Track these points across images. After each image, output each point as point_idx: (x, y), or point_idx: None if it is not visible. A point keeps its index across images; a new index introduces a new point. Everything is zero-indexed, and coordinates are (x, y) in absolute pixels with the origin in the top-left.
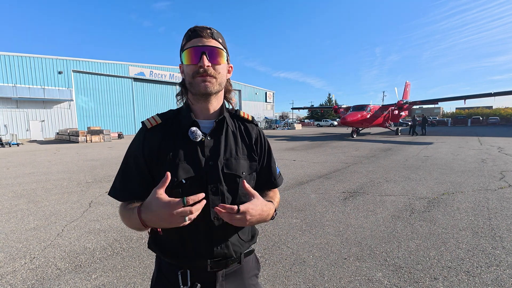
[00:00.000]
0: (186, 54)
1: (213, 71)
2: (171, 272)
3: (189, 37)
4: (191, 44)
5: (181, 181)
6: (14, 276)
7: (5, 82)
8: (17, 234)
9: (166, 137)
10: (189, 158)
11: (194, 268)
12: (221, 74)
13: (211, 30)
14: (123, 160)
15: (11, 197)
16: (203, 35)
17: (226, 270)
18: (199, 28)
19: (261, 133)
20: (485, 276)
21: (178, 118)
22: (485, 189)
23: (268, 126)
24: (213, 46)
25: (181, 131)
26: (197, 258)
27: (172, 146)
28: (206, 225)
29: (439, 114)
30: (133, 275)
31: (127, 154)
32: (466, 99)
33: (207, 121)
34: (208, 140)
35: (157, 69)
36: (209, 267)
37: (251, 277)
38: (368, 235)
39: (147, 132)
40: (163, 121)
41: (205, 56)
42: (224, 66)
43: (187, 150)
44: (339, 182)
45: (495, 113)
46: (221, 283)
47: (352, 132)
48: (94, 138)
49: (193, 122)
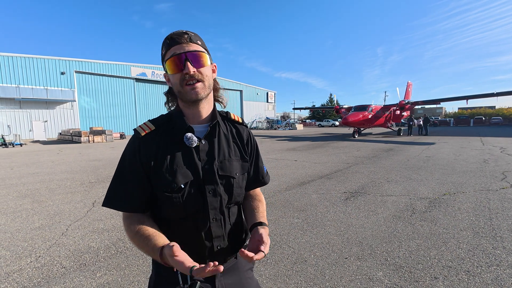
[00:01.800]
0: (169, 63)
1: (199, 75)
2: (170, 271)
3: (168, 45)
4: (172, 52)
5: (180, 186)
6: (20, 274)
7: (9, 83)
8: (22, 233)
9: (161, 143)
10: (186, 163)
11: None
12: (208, 77)
13: (188, 34)
14: (117, 169)
15: (16, 196)
16: (181, 41)
17: (224, 265)
18: (176, 34)
19: (251, 135)
20: (485, 275)
21: (171, 123)
22: (486, 190)
23: (270, 126)
24: (195, 51)
25: (176, 137)
26: (196, 257)
27: (168, 152)
28: (206, 226)
29: (441, 114)
30: (137, 273)
31: (121, 163)
32: (469, 99)
33: (201, 126)
34: (203, 144)
35: (158, 70)
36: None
37: (247, 271)
38: (369, 235)
39: (141, 139)
40: (157, 127)
41: (188, 62)
42: (208, 67)
43: (184, 155)
44: (340, 182)
45: (498, 113)
46: (220, 279)
47: (353, 133)
48: (97, 139)
49: (188, 128)
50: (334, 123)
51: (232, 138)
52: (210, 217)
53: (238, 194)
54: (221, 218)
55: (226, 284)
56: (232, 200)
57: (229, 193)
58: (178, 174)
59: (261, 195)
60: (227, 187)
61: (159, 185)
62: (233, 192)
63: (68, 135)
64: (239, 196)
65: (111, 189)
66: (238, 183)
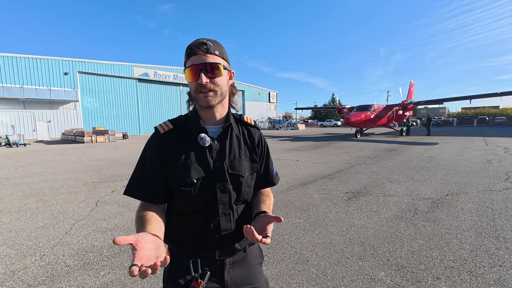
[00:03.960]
0: (187, 72)
1: (211, 85)
2: (182, 262)
3: (188, 54)
4: (190, 63)
5: (193, 181)
6: (25, 273)
7: (13, 83)
8: (27, 232)
9: (177, 141)
10: (199, 161)
11: (203, 257)
12: (220, 86)
13: (207, 45)
14: (138, 162)
15: (20, 196)
16: (199, 53)
17: (233, 258)
18: (195, 46)
19: (262, 136)
20: (488, 276)
21: (187, 123)
22: (490, 190)
23: (272, 126)
24: (210, 62)
25: (191, 136)
26: (206, 249)
27: (183, 150)
28: (215, 219)
29: (445, 114)
30: None
31: (142, 157)
32: (472, 99)
33: (214, 127)
34: (215, 144)
35: (161, 70)
36: (218, 256)
37: (256, 265)
38: (371, 235)
39: (160, 136)
40: (174, 126)
41: (202, 73)
42: (223, 77)
43: (197, 153)
44: (342, 182)
45: (502, 113)
46: (229, 270)
47: (356, 133)
48: (99, 139)
49: (202, 129)
50: (336, 123)
51: (244, 139)
52: (220, 211)
53: (246, 193)
54: (230, 213)
55: (235, 277)
56: (241, 198)
57: (238, 191)
58: (191, 170)
59: (269, 192)
60: (236, 185)
61: (174, 179)
62: (241, 190)
63: (71, 135)
64: (247, 194)
65: (131, 179)
66: (246, 182)
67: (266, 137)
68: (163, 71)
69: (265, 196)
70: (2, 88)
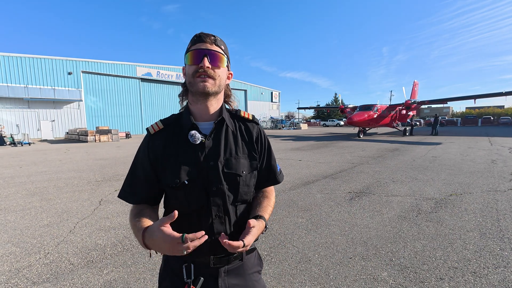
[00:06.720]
0: (189, 55)
1: (212, 72)
2: (177, 265)
3: (194, 41)
4: (195, 47)
5: (183, 182)
6: (30, 270)
7: (17, 83)
8: (31, 230)
9: (168, 141)
10: (190, 160)
11: (197, 263)
12: (220, 77)
13: (215, 37)
14: (131, 165)
15: (25, 194)
16: (206, 41)
17: (228, 266)
18: (204, 34)
19: (261, 132)
20: (492, 277)
21: (179, 122)
22: (494, 190)
23: (274, 126)
24: (215, 51)
25: (182, 134)
26: (200, 254)
27: (174, 149)
28: (208, 224)
29: (449, 113)
30: (143, 270)
31: (135, 159)
32: (476, 98)
33: (207, 123)
34: (208, 141)
35: (164, 69)
36: (212, 263)
37: (253, 274)
38: (373, 235)
39: (151, 137)
40: (165, 126)
41: (206, 58)
42: (224, 70)
43: (189, 152)
44: (345, 182)
45: (507, 112)
46: (223, 279)
47: (358, 132)
48: (103, 138)
49: (192, 126)
50: (339, 122)
51: (241, 135)
52: (213, 214)
53: (245, 193)
54: (225, 215)
55: (230, 284)
56: (238, 199)
57: (235, 191)
58: (181, 170)
59: (270, 192)
60: (232, 185)
61: (164, 180)
62: (239, 190)
63: (75, 134)
64: (246, 194)
65: (124, 183)
66: (244, 181)
67: (269, 137)
68: (165, 70)
69: (263, 197)
70: (7, 88)
